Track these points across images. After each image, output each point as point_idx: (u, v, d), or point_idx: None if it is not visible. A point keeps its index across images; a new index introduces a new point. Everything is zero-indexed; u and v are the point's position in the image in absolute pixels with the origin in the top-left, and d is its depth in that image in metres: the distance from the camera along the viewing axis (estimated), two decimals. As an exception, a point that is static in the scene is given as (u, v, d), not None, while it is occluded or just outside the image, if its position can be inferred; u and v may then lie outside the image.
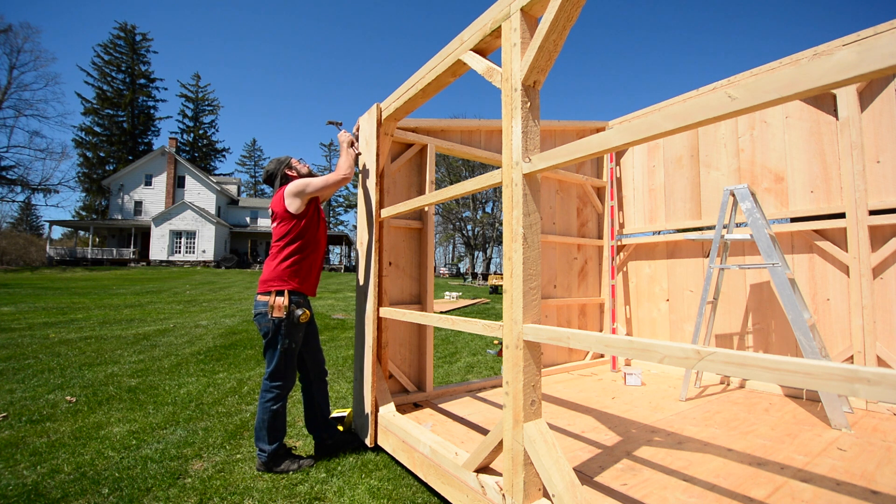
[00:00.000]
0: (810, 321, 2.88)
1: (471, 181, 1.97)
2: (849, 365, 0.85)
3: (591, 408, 3.06)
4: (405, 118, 3.28)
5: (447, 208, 40.56)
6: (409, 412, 3.03)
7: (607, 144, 1.34)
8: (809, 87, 0.90)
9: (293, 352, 2.55)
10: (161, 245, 33.42)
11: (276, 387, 2.51)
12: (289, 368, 2.55)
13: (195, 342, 6.46)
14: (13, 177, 35.89)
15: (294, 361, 2.58)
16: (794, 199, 3.45)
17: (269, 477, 2.40)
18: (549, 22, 1.53)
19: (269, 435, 2.47)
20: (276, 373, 2.51)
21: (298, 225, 2.60)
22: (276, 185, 2.79)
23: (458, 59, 2.13)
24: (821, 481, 1.91)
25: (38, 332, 7.00)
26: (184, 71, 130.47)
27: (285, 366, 2.52)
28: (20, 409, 3.46)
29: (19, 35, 35.72)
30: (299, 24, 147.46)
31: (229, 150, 57.26)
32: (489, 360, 5.76)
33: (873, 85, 3.07)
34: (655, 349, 1.19)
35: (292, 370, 2.58)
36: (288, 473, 2.43)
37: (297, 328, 2.53)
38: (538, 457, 1.57)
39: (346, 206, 69.04)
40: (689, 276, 4.20)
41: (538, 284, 1.70)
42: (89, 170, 42.52)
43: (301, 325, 2.55)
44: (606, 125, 4.74)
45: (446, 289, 20.54)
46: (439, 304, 12.94)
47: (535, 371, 1.67)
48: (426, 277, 3.45)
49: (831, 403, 2.61)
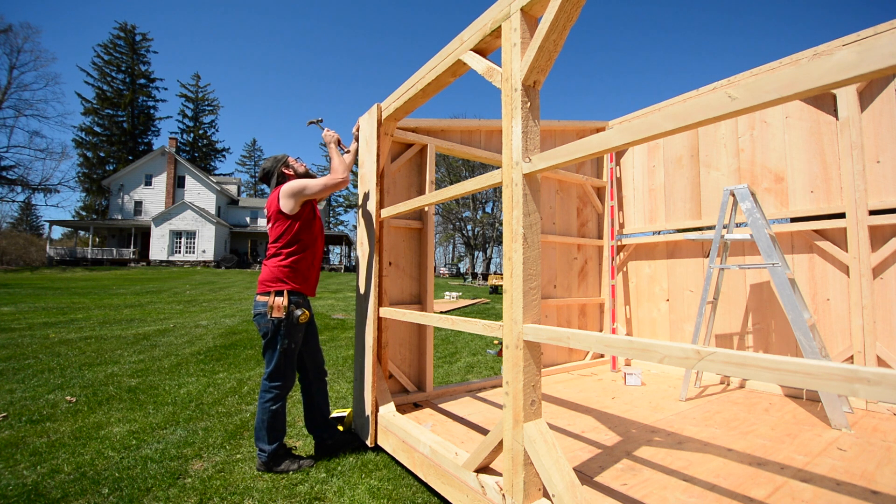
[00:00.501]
0: (810, 321, 2.88)
1: (471, 181, 1.97)
2: (849, 365, 0.85)
3: (591, 408, 3.06)
4: (405, 118, 3.28)
5: (447, 208, 40.55)
6: (409, 412, 3.03)
7: (607, 144, 1.34)
8: (809, 87, 0.90)
9: (293, 352, 2.54)
10: (161, 245, 33.42)
11: (276, 387, 2.51)
12: (288, 368, 2.54)
13: (195, 342, 6.46)
14: (13, 177, 35.91)
15: (293, 361, 2.58)
16: (794, 199, 3.45)
17: (269, 477, 2.40)
18: (549, 22, 1.53)
19: (268, 435, 2.47)
20: (276, 373, 2.50)
21: (294, 226, 2.59)
22: (273, 184, 2.76)
23: (458, 59, 2.13)
24: (821, 481, 1.91)
25: (38, 332, 7.00)
26: (184, 71, 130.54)
27: (285, 366, 2.52)
28: (20, 409, 3.46)
29: (19, 35, 35.77)
30: (299, 23, 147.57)
31: (229, 150, 57.31)
32: (489, 360, 5.76)
33: (873, 85, 3.07)
34: (655, 349, 1.19)
35: (292, 370, 2.58)
36: (288, 473, 2.43)
37: (296, 328, 2.53)
38: (538, 457, 1.57)
39: (346, 206, 69.06)
40: (689, 276, 4.19)
41: (538, 284, 1.70)
42: (89, 170, 42.53)
43: (300, 325, 2.55)
44: (606, 125, 4.74)
45: (446, 289, 20.54)
46: (439, 304, 12.94)
47: (535, 371, 1.67)
48: (426, 277, 3.45)
49: (831, 403, 2.61)
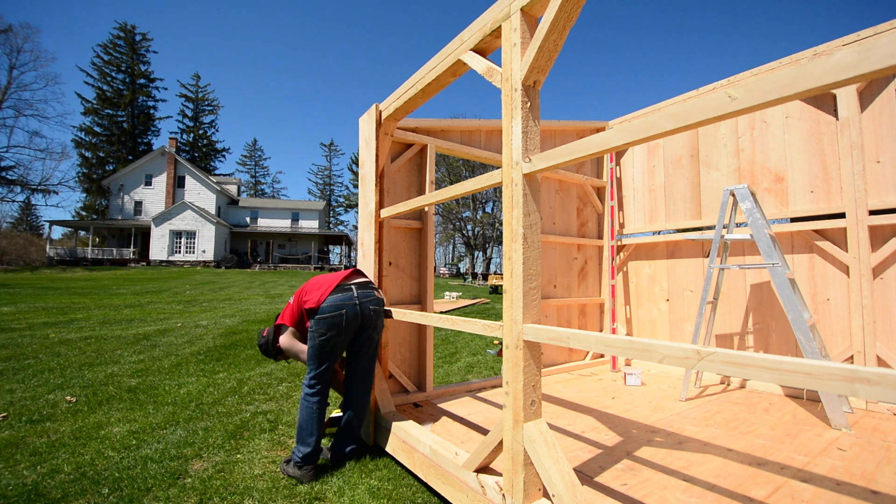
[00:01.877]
0: (810, 321, 2.88)
1: (471, 181, 1.97)
2: (849, 365, 0.85)
3: (591, 408, 3.06)
4: (405, 118, 3.27)
5: (447, 208, 40.56)
6: (409, 412, 3.03)
7: (607, 144, 1.34)
8: (809, 87, 0.90)
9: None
10: (161, 245, 33.42)
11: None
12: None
13: (195, 342, 6.46)
14: (13, 177, 35.91)
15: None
16: (794, 199, 3.45)
17: (269, 477, 2.39)
18: (549, 22, 1.53)
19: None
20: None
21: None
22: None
23: (458, 59, 2.13)
24: (821, 481, 1.91)
25: (38, 332, 7.00)
26: (184, 71, 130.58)
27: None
28: (20, 409, 3.46)
29: (19, 35, 35.79)
30: (299, 23, 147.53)
31: (229, 150, 57.35)
32: (489, 360, 5.76)
33: (873, 85, 3.07)
34: (655, 349, 1.19)
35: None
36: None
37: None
38: (538, 457, 1.57)
39: (346, 206, 69.07)
40: (689, 276, 4.20)
41: (538, 284, 1.70)
42: (89, 170, 42.54)
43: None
44: (606, 125, 4.74)
45: (446, 289, 20.54)
46: (439, 304, 12.94)
47: (535, 371, 1.67)
48: (426, 277, 3.45)
49: (831, 403, 2.61)
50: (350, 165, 67.68)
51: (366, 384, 2.67)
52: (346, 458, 2.56)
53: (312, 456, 2.38)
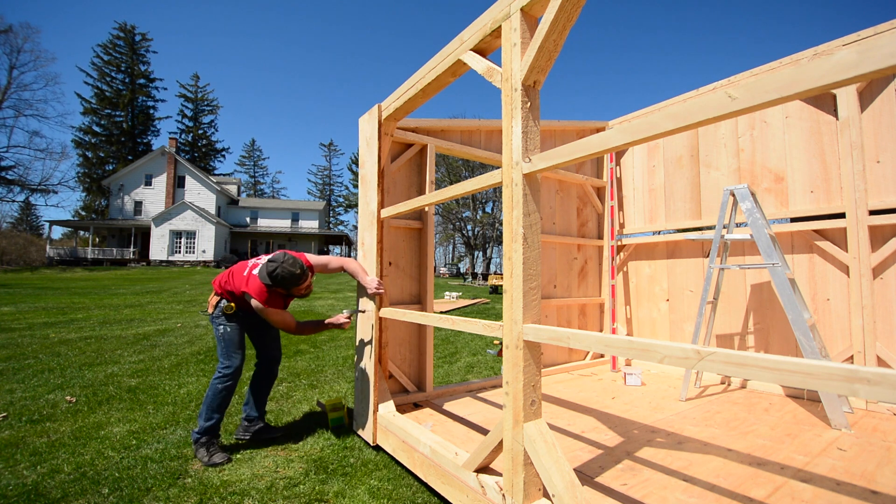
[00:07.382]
0: (810, 321, 2.89)
1: (471, 181, 1.97)
2: (849, 365, 0.85)
3: (591, 408, 3.06)
4: (405, 118, 3.27)
5: (447, 208, 40.53)
6: (409, 412, 3.03)
7: (607, 144, 1.34)
8: (809, 87, 0.90)
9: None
10: (161, 245, 33.41)
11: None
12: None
13: (195, 342, 6.46)
14: (13, 177, 35.88)
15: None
16: (794, 199, 3.45)
17: (269, 477, 2.40)
18: (549, 22, 1.53)
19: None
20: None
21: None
22: (274, 286, 2.57)
23: (458, 59, 2.13)
24: (821, 481, 1.91)
25: (38, 332, 7.00)
26: (183, 70, 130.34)
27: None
28: (20, 409, 3.46)
29: (19, 35, 35.72)
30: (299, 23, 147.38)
31: (229, 150, 57.32)
32: (489, 360, 5.76)
33: (873, 85, 3.07)
34: (655, 349, 1.19)
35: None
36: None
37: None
38: (538, 457, 1.57)
39: (346, 206, 69.06)
40: (689, 276, 4.20)
41: (538, 284, 1.70)
42: (89, 170, 42.53)
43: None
44: (606, 125, 4.74)
45: (446, 289, 20.53)
46: (439, 304, 12.93)
47: (535, 371, 1.67)
48: (426, 277, 3.45)
49: (831, 403, 2.61)
50: (350, 165, 67.66)
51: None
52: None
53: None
